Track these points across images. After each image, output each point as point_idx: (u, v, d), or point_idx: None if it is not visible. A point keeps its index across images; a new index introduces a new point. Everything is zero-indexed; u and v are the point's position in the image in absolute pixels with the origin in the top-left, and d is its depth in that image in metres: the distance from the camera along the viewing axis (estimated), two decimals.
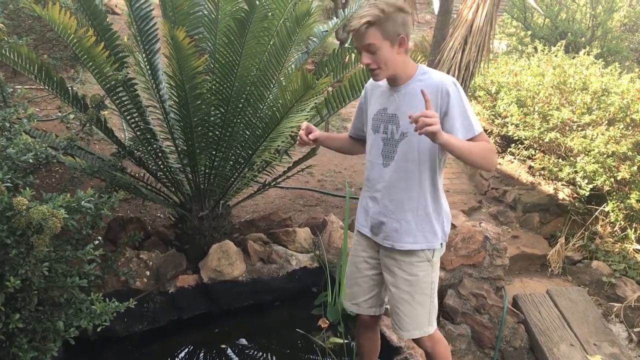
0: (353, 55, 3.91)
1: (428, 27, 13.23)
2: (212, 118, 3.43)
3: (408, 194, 2.27)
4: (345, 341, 3.40)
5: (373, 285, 2.54)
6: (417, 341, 2.52)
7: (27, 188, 2.23)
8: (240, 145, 3.57)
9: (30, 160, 2.40)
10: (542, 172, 5.54)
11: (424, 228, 2.30)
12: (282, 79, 3.34)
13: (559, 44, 7.48)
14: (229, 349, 3.38)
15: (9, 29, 3.75)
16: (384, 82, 2.32)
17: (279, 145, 3.60)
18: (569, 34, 10.06)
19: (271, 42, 3.33)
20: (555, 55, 6.80)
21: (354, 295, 2.58)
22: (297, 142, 2.49)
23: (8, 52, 3.06)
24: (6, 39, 2.91)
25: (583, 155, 5.10)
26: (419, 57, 3.75)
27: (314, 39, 4.11)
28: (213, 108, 3.39)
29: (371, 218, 2.40)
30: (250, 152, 3.51)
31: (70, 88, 3.44)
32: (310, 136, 2.42)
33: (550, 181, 5.56)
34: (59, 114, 3.29)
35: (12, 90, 2.99)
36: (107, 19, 3.40)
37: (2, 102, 2.93)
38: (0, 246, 2.19)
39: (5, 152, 2.30)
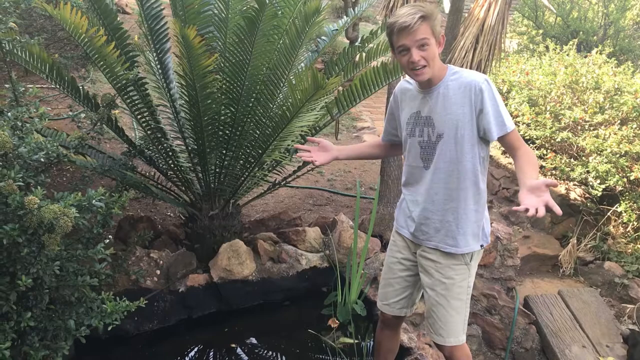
0: (364, 54, 3.90)
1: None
2: (222, 117, 3.43)
3: (449, 194, 2.26)
4: (356, 341, 3.38)
5: (406, 287, 2.53)
6: (437, 345, 2.49)
7: (39, 187, 2.23)
8: (250, 145, 3.57)
9: (42, 159, 2.41)
10: (554, 172, 5.50)
11: (465, 231, 2.29)
12: (292, 78, 3.33)
13: (570, 42, 7.43)
14: (238, 348, 3.38)
15: (21, 28, 3.77)
16: (413, 85, 2.32)
17: (289, 145, 3.59)
18: (581, 32, 9.98)
19: (281, 41, 3.32)
20: (567, 54, 6.75)
21: (386, 295, 2.57)
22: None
23: (20, 51, 3.08)
24: (18, 38, 2.92)
25: (595, 155, 5.06)
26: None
27: (324, 38, 4.10)
28: (223, 107, 3.39)
29: (412, 220, 2.38)
30: (260, 151, 3.50)
31: (81, 87, 3.45)
32: (317, 155, 2.42)
33: (562, 181, 5.52)
34: (70, 113, 3.31)
35: (23, 89, 3.00)
36: (118, 19, 3.41)
37: (14, 101, 2.94)
38: (12, 245, 2.20)
39: (17, 151, 2.31)
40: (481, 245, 2.35)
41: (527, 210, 1.88)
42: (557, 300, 4.50)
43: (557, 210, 1.89)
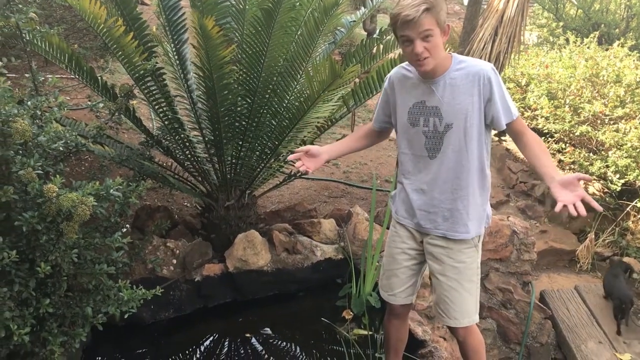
0: (381, 46, 3.88)
1: (457, 18, 13.05)
2: (239, 108, 3.44)
3: (457, 183, 2.26)
4: (370, 333, 3.39)
5: (411, 275, 2.53)
6: (451, 329, 2.50)
7: (58, 176, 2.26)
8: (266, 136, 3.57)
9: (61, 148, 2.44)
10: (572, 166, 5.44)
11: (473, 216, 2.31)
12: (309, 69, 3.32)
13: (591, 35, 7.32)
14: (253, 338, 3.40)
15: (41, 18, 3.81)
16: (414, 74, 2.29)
17: (305, 136, 3.60)
18: (603, 25, 9.83)
19: (298, 32, 3.32)
20: (588, 47, 6.66)
21: (391, 286, 2.57)
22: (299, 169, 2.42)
23: (40, 41, 3.11)
24: (38, 28, 2.95)
25: (615, 149, 5.00)
26: (448, 48, 3.70)
27: (341, 30, 4.09)
28: (240, 98, 3.40)
29: (417, 210, 2.37)
30: (276, 142, 3.51)
31: (99, 77, 3.48)
32: (308, 162, 2.40)
33: None
34: (89, 102, 3.33)
35: (43, 79, 3.03)
36: (137, 9, 3.43)
37: (34, 91, 2.97)
38: (31, 232, 2.23)
39: (36, 140, 2.34)
40: (484, 226, 2.40)
41: (565, 206, 1.89)
42: (573, 296, 4.47)
43: (596, 206, 1.89)
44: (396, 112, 2.39)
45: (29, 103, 2.48)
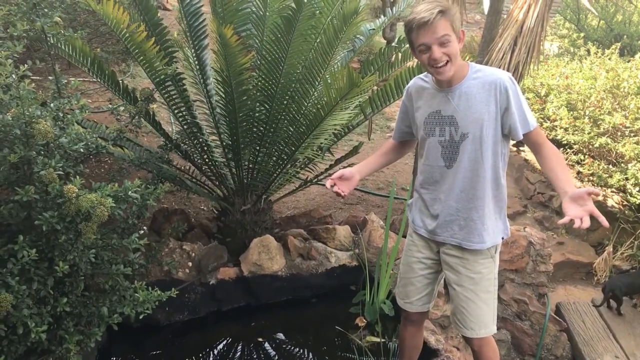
0: (400, 54, 3.89)
1: (477, 27, 13.01)
2: (257, 114, 3.47)
3: (473, 193, 2.26)
4: (383, 340, 3.39)
5: (427, 284, 2.54)
6: (467, 339, 2.49)
7: (78, 177, 2.30)
8: (283, 142, 3.60)
9: (81, 150, 2.48)
10: (591, 178, 5.38)
11: (489, 226, 2.30)
12: (327, 76, 3.34)
13: (613, 46, 7.25)
14: (266, 342, 3.42)
15: (65, 22, 3.87)
16: (430, 84, 2.30)
17: (321, 143, 3.62)
18: (625, 36, 9.72)
19: (317, 40, 3.34)
20: (609, 58, 6.60)
21: (408, 294, 2.58)
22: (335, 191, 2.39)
23: (64, 45, 3.17)
24: (62, 32, 3.01)
25: (635, 161, 4.93)
26: (467, 57, 3.70)
27: (360, 37, 4.10)
28: (258, 104, 3.43)
29: (433, 218, 2.38)
30: (293, 148, 3.53)
31: (120, 81, 3.53)
32: (342, 186, 2.39)
33: (599, 187, 5.40)
34: (110, 105, 3.39)
35: (66, 81, 3.09)
36: (158, 15, 3.48)
37: (57, 93, 3.03)
38: (51, 232, 2.27)
39: (58, 141, 2.38)
40: (502, 237, 2.38)
41: (572, 221, 1.90)
42: (590, 309, 4.42)
43: (604, 221, 1.90)
44: (414, 121, 2.40)
45: (51, 105, 2.53)
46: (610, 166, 5.22)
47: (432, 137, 2.29)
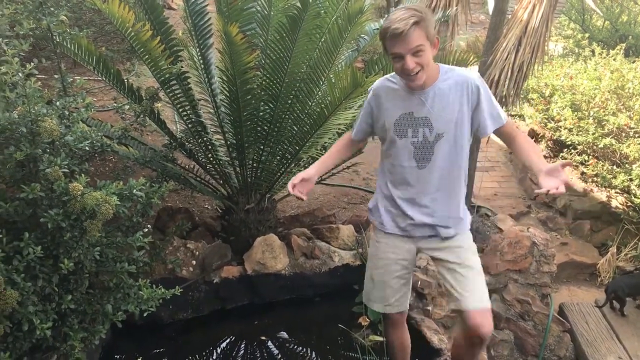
0: None
1: (482, 27, 12.97)
2: (261, 113, 3.48)
3: (452, 189, 2.33)
4: (385, 339, 3.39)
5: (403, 284, 2.53)
6: (466, 316, 2.31)
7: (83, 175, 2.32)
8: (287, 141, 3.61)
9: (87, 148, 2.50)
10: (595, 178, 5.38)
11: (463, 213, 2.40)
12: (331, 76, 3.35)
13: (618, 47, 7.24)
14: (269, 341, 3.43)
15: (71, 21, 3.89)
16: (399, 85, 2.30)
17: (325, 142, 3.62)
18: (630, 37, 9.69)
19: (322, 40, 3.34)
20: (614, 59, 6.59)
21: (387, 297, 2.55)
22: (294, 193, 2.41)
23: (69, 43, 3.18)
24: (68, 30, 3.02)
25: (639, 162, 4.93)
26: (472, 58, 3.70)
27: (365, 37, 4.10)
28: (262, 103, 3.44)
29: (406, 218, 2.39)
30: (297, 147, 3.54)
31: (125, 80, 3.54)
32: (301, 187, 2.41)
33: (604, 188, 5.39)
34: (115, 104, 3.41)
35: (71, 80, 3.10)
36: (163, 14, 3.49)
37: (63, 92, 3.04)
38: (56, 229, 2.29)
39: (63, 139, 2.39)
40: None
41: (548, 191, 2.03)
42: (593, 310, 4.42)
43: (575, 185, 2.08)
44: (381, 124, 2.38)
45: (57, 103, 2.54)
46: (615, 167, 5.22)
47: (404, 139, 2.30)
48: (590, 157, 5.52)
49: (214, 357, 3.30)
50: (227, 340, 3.43)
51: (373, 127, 2.47)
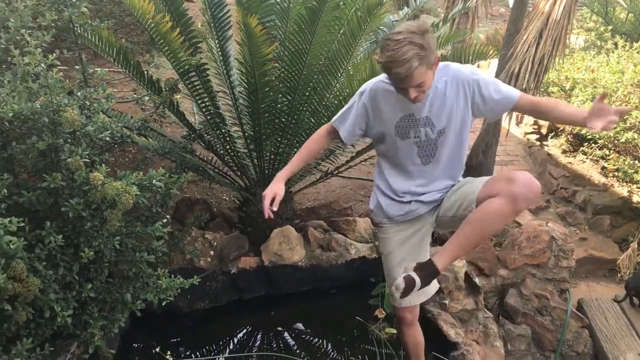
0: None
1: (502, 20, 12.84)
2: (279, 105, 3.48)
3: (453, 174, 2.40)
4: (399, 338, 3.39)
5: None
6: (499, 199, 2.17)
7: (103, 165, 2.35)
8: (305, 133, 3.61)
9: (107, 139, 2.52)
10: (616, 173, 5.31)
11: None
12: (349, 68, 3.34)
13: None
14: (285, 332, 3.45)
15: (92, 13, 3.92)
16: None
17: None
18: None
19: (341, 31, 3.33)
20: (638, 52, 6.48)
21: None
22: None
23: (90, 35, 3.21)
24: (89, 22, 3.05)
25: None
26: (491, 51, 3.66)
27: (384, 29, 4.08)
28: (280, 95, 3.44)
29: (414, 206, 2.41)
30: None
31: (145, 71, 3.56)
32: (275, 199, 2.47)
33: (625, 183, 5.32)
34: (135, 95, 3.44)
35: (92, 71, 3.13)
36: (183, 5, 3.50)
37: (83, 82, 3.08)
38: (77, 218, 2.32)
39: (84, 130, 2.42)
40: None
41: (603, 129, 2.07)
42: (613, 306, 4.37)
43: (628, 108, 2.19)
44: (379, 126, 2.35)
45: (78, 94, 2.57)
46: (637, 161, 5.14)
47: (406, 140, 2.30)
48: (612, 151, 5.45)
49: (231, 347, 3.33)
50: (244, 331, 3.45)
51: (366, 132, 2.43)
